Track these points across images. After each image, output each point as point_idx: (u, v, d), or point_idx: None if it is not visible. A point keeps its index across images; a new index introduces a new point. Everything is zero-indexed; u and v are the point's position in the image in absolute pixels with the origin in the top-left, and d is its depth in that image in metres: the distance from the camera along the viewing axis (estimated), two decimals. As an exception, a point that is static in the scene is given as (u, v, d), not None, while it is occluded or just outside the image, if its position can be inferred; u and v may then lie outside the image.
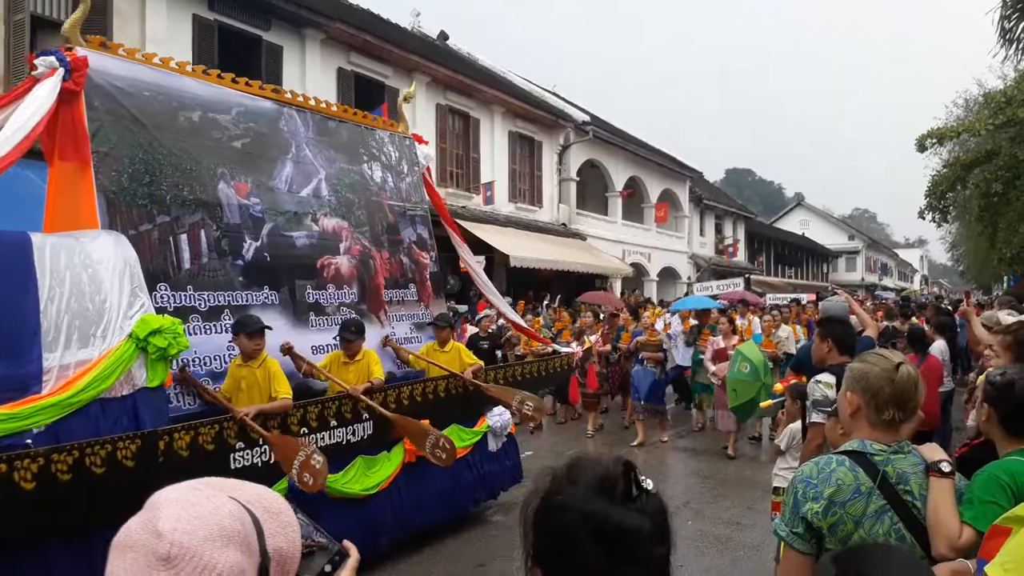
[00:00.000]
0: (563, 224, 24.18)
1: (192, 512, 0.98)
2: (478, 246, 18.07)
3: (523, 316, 10.69)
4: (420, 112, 18.57)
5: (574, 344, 9.16)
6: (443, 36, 24.98)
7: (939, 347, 8.01)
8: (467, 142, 20.56)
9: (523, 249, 19.36)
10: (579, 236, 24.29)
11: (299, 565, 1.14)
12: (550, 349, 8.33)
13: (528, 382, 7.21)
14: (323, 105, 6.51)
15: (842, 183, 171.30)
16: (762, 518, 6.67)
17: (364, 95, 16.65)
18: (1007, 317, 6.18)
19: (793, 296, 22.19)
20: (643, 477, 1.10)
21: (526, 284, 21.14)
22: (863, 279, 58.10)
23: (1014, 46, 19.63)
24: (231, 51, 13.86)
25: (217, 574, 0.94)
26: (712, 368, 9.31)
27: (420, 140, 7.44)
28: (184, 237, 5.27)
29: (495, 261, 19.19)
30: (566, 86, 32.25)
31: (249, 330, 5.10)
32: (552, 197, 24.00)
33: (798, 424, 4.99)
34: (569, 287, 21.16)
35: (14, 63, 10.45)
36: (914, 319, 12.99)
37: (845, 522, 2.04)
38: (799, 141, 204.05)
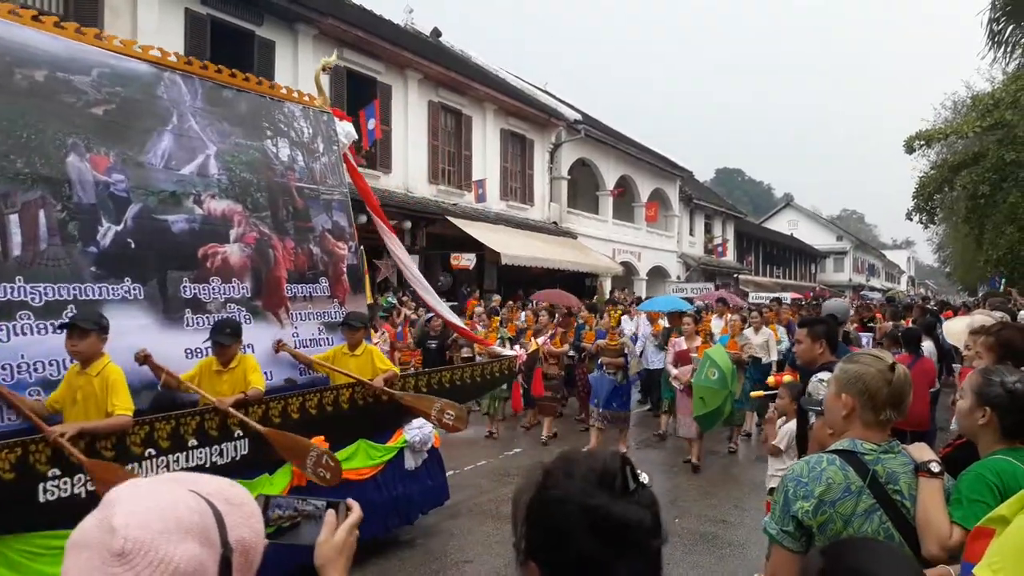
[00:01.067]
0: (554, 222, 22.97)
1: (146, 506, 0.89)
2: (469, 244, 17.03)
3: (467, 315, 9.41)
4: (412, 109, 17.70)
5: (517, 347, 7.84)
6: (436, 33, 23.72)
7: (927, 348, 7.56)
8: (459, 139, 19.53)
9: (514, 247, 18.36)
10: (570, 235, 23.10)
11: (287, 536, 1.15)
12: (499, 352, 7.01)
13: (461, 389, 5.95)
14: (217, 71, 5.21)
15: (831, 184, 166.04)
16: (749, 516, 6.36)
17: (356, 91, 16.06)
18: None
19: (773, 296, 20.79)
20: (639, 471, 1.04)
21: (516, 282, 20.11)
22: (851, 280, 56.32)
23: (1002, 48, 18.62)
24: (224, 46, 13.06)
25: (174, 568, 0.86)
26: (673, 372, 7.99)
27: (341, 116, 6.11)
28: (14, 218, 4.04)
29: (486, 259, 18.15)
30: (561, 78, 30.85)
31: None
32: (543, 195, 22.82)
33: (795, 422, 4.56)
34: (559, 285, 19.96)
35: None
36: (900, 320, 12.03)
37: (835, 521, 1.93)
38: (789, 141, 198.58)
